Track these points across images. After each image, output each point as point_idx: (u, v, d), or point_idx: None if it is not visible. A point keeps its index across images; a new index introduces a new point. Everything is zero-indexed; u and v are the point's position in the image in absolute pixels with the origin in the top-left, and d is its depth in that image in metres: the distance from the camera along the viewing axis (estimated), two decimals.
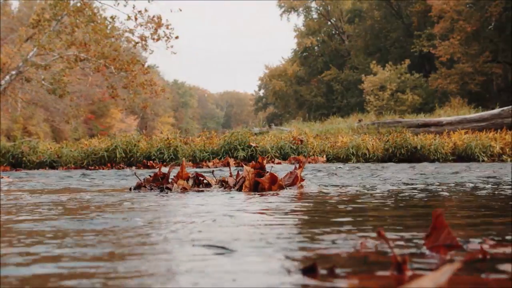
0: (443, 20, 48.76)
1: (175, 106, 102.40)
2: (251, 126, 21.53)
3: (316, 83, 65.36)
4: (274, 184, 3.73)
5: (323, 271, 1.18)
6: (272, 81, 69.52)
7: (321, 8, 69.53)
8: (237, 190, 3.82)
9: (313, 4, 70.44)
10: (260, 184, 3.76)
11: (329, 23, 70.02)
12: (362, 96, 50.95)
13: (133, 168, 11.97)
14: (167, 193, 3.77)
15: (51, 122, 51.48)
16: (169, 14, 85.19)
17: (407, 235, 1.70)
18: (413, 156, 12.78)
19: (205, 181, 4.17)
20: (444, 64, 49.37)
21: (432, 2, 49.47)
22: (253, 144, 13.13)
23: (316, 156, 12.52)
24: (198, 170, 8.87)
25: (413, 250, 1.43)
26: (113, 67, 29.19)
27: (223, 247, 1.51)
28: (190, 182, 4.11)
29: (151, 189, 3.97)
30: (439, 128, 16.77)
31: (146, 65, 37.40)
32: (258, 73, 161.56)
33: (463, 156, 12.79)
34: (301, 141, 13.40)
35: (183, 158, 4.52)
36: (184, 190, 3.90)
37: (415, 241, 1.57)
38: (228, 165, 11.00)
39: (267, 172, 3.85)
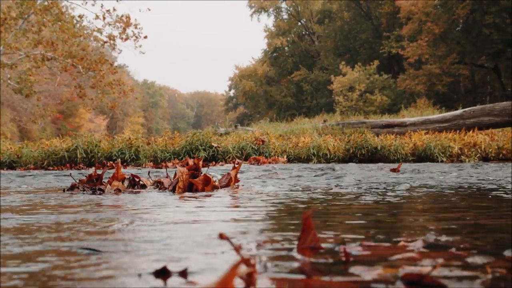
0: (412, 22, 49.18)
1: (145, 106, 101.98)
2: (216, 126, 21.47)
3: (286, 84, 65.54)
4: (208, 185, 3.72)
5: (175, 274, 1.17)
6: (242, 81, 69.61)
7: (291, 8, 69.71)
8: (170, 191, 3.80)
9: (284, 5, 70.63)
10: (194, 185, 3.74)
11: (299, 23, 70.24)
12: (332, 97, 51.17)
13: (92, 168, 11.87)
14: (100, 194, 3.72)
15: (18, 122, 51.00)
16: (138, 13, 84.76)
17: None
18: (373, 156, 12.85)
19: (140, 182, 4.14)
20: (412, 65, 49.83)
21: (401, 4, 49.87)
22: (215, 145, 13.10)
23: (276, 157, 12.52)
24: (158, 170, 8.83)
25: (283, 253, 1.41)
26: (81, 66, 29.01)
27: (93, 249, 1.49)
28: (126, 183, 4.08)
29: (84, 190, 3.93)
30: (402, 128, 16.86)
31: (115, 65, 37.26)
32: (229, 73, 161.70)
33: (423, 156, 12.89)
34: (263, 141, 13.39)
35: (118, 160, 4.48)
36: (118, 191, 3.86)
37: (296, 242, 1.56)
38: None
39: (202, 173, 3.84)
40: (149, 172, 4.70)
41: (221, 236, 1.13)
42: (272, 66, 68.65)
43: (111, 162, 12.35)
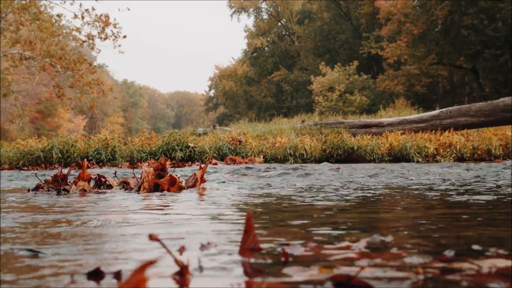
0: (391, 23, 49.42)
1: (125, 106, 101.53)
2: (195, 126, 21.43)
3: (266, 84, 65.65)
4: (173, 186, 3.70)
5: (109, 274, 1.16)
6: (222, 81, 69.56)
7: (271, 9, 69.82)
8: (136, 191, 3.78)
9: (264, 5, 70.74)
10: (160, 186, 3.72)
11: (279, 24, 70.36)
12: (311, 97, 51.24)
13: (67, 168, 11.78)
14: (64, 194, 3.69)
15: None
16: (118, 13, 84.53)
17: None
18: (350, 156, 12.88)
19: (107, 182, 4.11)
20: (391, 66, 50.10)
21: (380, 4, 50.09)
22: (191, 145, 13.06)
23: (253, 157, 12.50)
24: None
25: (225, 254, 1.40)
26: (59, 66, 28.81)
27: (35, 251, 1.48)
28: (92, 183, 4.04)
29: (49, 190, 3.89)
30: (380, 129, 16.89)
31: (94, 64, 37.08)
32: (209, 73, 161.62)
33: (399, 156, 12.94)
34: (240, 141, 13.38)
35: (85, 159, 4.46)
36: (84, 191, 3.83)
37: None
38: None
39: (168, 173, 3.82)
40: (115, 173, 4.66)
41: (151, 237, 1.12)
42: (252, 66, 68.74)
43: (87, 162, 12.26)
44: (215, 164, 11.24)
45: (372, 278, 1.09)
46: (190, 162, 12.12)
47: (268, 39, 68.57)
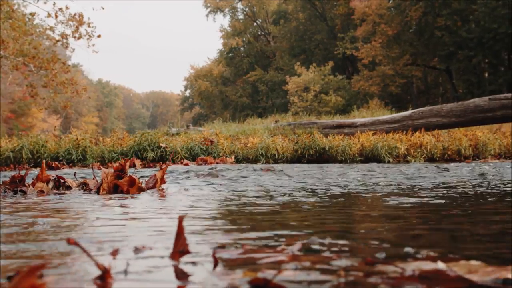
0: (366, 23, 49.70)
1: (100, 106, 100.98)
2: (169, 126, 21.35)
3: (242, 84, 65.65)
4: (133, 187, 3.67)
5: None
6: (197, 81, 69.42)
7: (247, 9, 69.87)
8: (95, 192, 3.74)
9: (239, 5, 70.76)
10: (119, 187, 3.69)
11: (255, 24, 70.43)
12: (287, 97, 51.28)
13: (37, 168, 11.67)
14: (21, 195, 3.64)
15: None
16: (92, 12, 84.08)
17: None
18: (321, 157, 12.90)
19: (66, 183, 4.06)
20: (366, 67, 50.37)
21: (355, 5, 50.33)
22: (163, 145, 13.00)
23: (225, 157, 12.48)
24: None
25: (156, 258, 1.39)
26: (32, 65, 28.52)
27: None
28: (51, 184, 4.00)
29: (5, 191, 3.84)
30: (353, 129, 16.96)
31: (69, 64, 36.77)
32: (185, 73, 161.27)
33: (370, 157, 12.99)
34: (212, 142, 13.35)
35: (43, 160, 4.40)
36: (42, 193, 3.78)
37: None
38: (134, 166, 10.89)
39: (127, 174, 3.78)
40: (75, 174, 4.61)
41: (69, 242, 1.10)
42: (228, 66, 68.74)
43: (56, 163, 12.16)
44: (186, 164, 11.21)
45: (293, 282, 1.09)
46: (161, 163, 12.05)
47: (244, 39, 68.62)
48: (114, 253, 1.45)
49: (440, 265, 1.20)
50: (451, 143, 13.57)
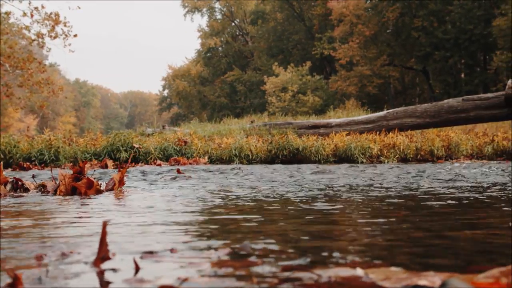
0: (343, 24, 49.89)
1: (77, 106, 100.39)
2: (145, 126, 21.28)
3: (220, 84, 65.62)
4: (90, 189, 3.64)
5: None
6: (175, 81, 69.28)
7: (225, 9, 69.86)
8: (52, 194, 3.71)
9: (217, 5, 70.71)
10: (78, 189, 3.66)
11: (233, 24, 70.45)
12: (265, 97, 51.28)
13: (9, 169, 11.55)
14: None
15: None
16: (69, 11, 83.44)
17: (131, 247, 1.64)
18: (295, 157, 12.90)
19: (24, 185, 4.02)
20: (344, 67, 50.58)
21: (333, 6, 50.49)
22: (136, 145, 12.94)
23: (198, 158, 12.45)
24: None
25: (80, 264, 1.36)
26: (8, 65, 28.33)
27: None
28: (9, 186, 3.95)
29: None
30: (328, 129, 17.00)
31: (46, 64, 36.51)
32: (163, 73, 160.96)
33: (344, 157, 13.01)
34: (185, 142, 13.30)
35: (1, 162, 4.37)
36: None
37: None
38: (106, 166, 10.84)
39: (85, 176, 3.75)
40: (33, 176, 4.56)
41: None
42: (206, 66, 68.69)
43: (28, 163, 12.06)
44: (159, 165, 11.18)
45: None
46: (134, 163, 11.99)
47: (222, 39, 68.62)
48: (39, 258, 1.43)
49: (359, 271, 1.20)
50: (424, 144, 13.64)
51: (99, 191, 3.71)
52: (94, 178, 3.79)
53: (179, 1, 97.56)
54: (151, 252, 1.49)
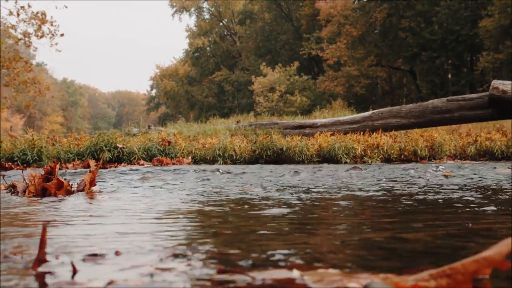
0: (331, 24, 49.95)
1: (64, 105, 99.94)
2: (132, 126, 21.20)
3: (208, 84, 65.57)
4: (60, 189, 3.62)
5: None
6: (163, 81, 69.16)
7: (213, 8, 69.79)
8: (22, 195, 3.68)
9: (205, 5, 70.66)
10: (47, 190, 3.63)
11: (221, 24, 70.43)
12: (253, 97, 51.23)
13: None
14: None
15: None
16: (56, 11, 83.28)
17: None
18: (279, 157, 12.89)
19: None
20: (331, 67, 50.62)
21: (320, 6, 50.54)
22: (120, 146, 12.89)
23: (181, 158, 12.41)
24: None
25: (21, 266, 1.35)
26: None
27: None
28: None
29: None
30: (314, 129, 16.99)
31: (33, 63, 36.35)
32: (151, 72, 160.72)
33: (327, 157, 13.01)
34: (169, 142, 13.26)
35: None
36: None
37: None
38: (88, 166, 10.78)
39: (55, 177, 3.72)
40: (3, 176, 4.53)
41: None
42: (194, 66, 68.60)
43: (10, 163, 11.99)
44: (142, 165, 11.14)
45: None
46: (116, 163, 11.94)
47: (210, 39, 68.56)
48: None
49: (295, 273, 1.19)
50: (407, 144, 13.65)
51: (69, 192, 3.69)
52: (65, 179, 3.77)
53: (166, 1, 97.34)
54: (95, 255, 1.47)
